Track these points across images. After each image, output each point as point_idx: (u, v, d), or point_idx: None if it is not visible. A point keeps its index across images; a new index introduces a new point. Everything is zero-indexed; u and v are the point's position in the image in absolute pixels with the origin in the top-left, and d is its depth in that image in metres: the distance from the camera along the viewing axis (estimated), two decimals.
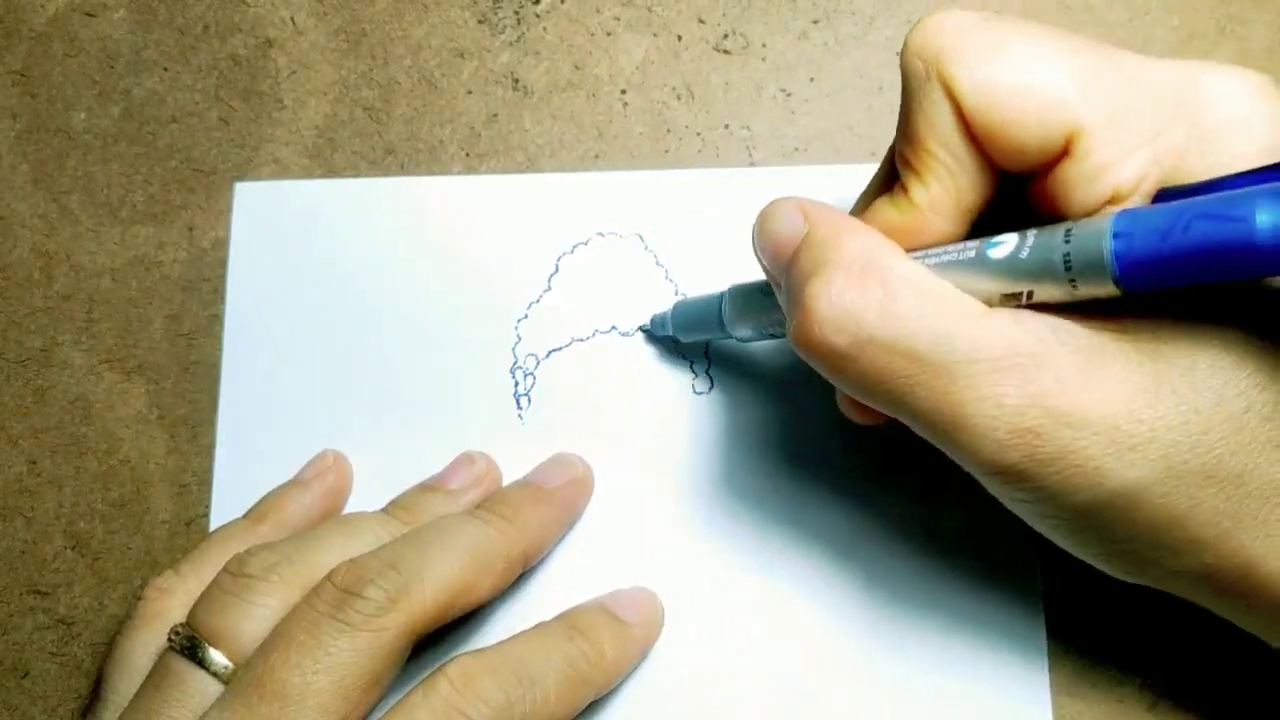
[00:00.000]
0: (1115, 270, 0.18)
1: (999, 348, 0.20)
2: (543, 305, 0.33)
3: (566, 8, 0.35)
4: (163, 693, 0.26)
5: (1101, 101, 0.20)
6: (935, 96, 0.21)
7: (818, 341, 0.22)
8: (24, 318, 0.35)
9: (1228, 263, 0.16)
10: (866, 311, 0.21)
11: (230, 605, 0.26)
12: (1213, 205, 0.17)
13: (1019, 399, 0.20)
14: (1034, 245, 0.20)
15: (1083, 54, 0.21)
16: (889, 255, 0.22)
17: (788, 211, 0.24)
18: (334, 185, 0.34)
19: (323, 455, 0.32)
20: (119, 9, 0.37)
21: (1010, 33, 0.21)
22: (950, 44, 0.21)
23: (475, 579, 0.27)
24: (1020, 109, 0.20)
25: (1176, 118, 0.20)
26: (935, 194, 0.22)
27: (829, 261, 0.22)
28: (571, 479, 0.31)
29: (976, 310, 0.21)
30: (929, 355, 0.20)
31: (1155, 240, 0.17)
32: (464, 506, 0.30)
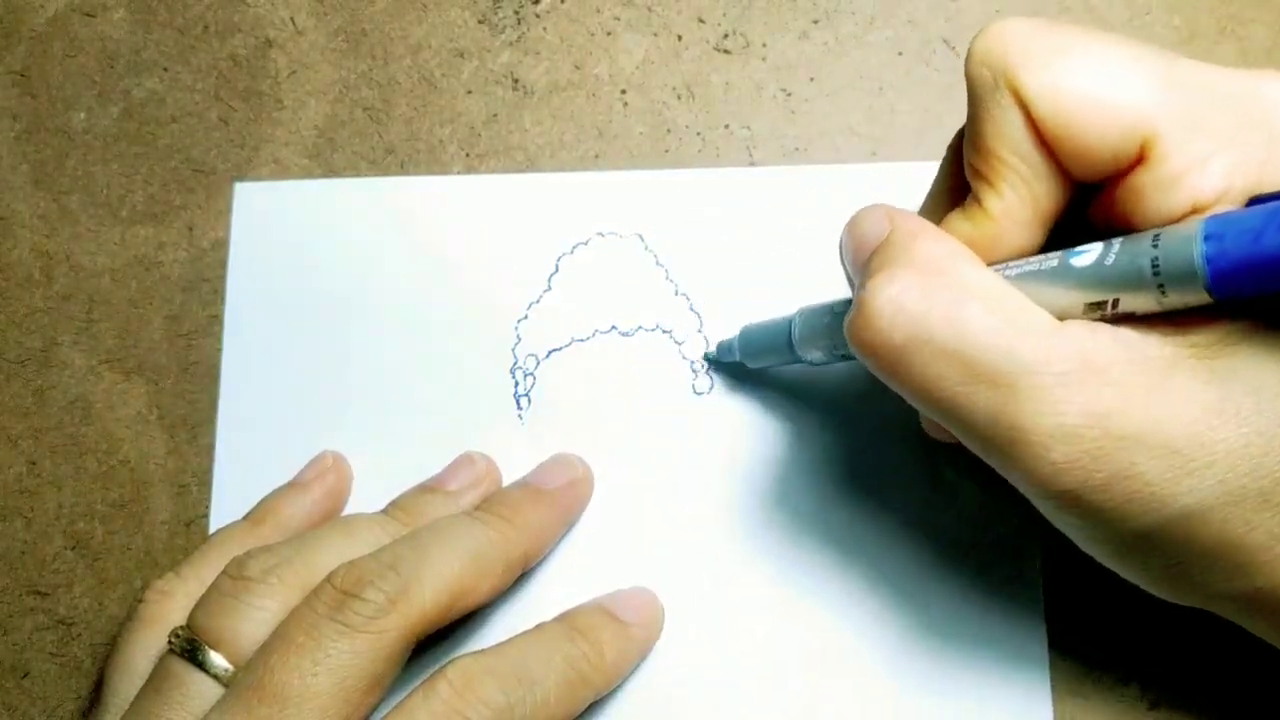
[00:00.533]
0: (1207, 275, 0.17)
1: (1065, 362, 0.19)
2: (543, 305, 0.33)
3: (566, 7, 0.35)
4: (162, 695, 0.26)
5: (1176, 105, 0.20)
6: (1005, 104, 0.21)
7: (873, 335, 0.21)
8: (24, 318, 0.35)
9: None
10: (931, 311, 0.20)
11: (230, 608, 0.26)
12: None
13: (1080, 418, 0.19)
14: (1120, 252, 0.19)
15: (1151, 59, 0.20)
16: (964, 262, 0.21)
17: (875, 215, 0.24)
18: (334, 185, 0.34)
19: (322, 456, 0.32)
20: (119, 9, 0.36)
21: (1077, 37, 0.20)
22: (1017, 50, 0.20)
23: (475, 581, 0.27)
24: (1093, 114, 0.20)
25: (1252, 124, 0.20)
26: (1010, 203, 0.21)
27: (900, 260, 0.21)
28: (571, 479, 0.31)
29: (1048, 325, 0.20)
30: (990, 364, 0.20)
31: (1248, 243, 0.17)
32: (463, 507, 0.30)
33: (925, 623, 0.30)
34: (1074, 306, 0.20)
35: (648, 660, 0.30)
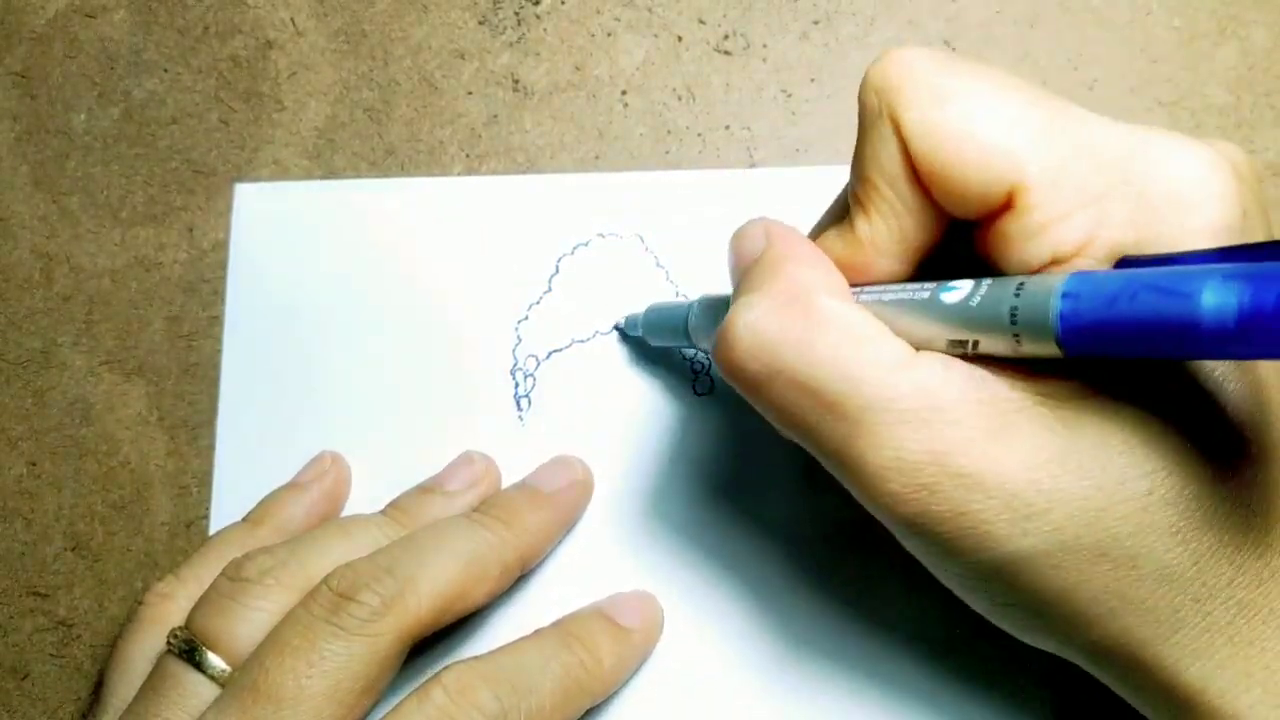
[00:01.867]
0: (1058, 331, 0.18)
1: (910, 398, 0.20)
2: (543, 306, 0.33)
3: (567, 9, 0.35)
4: (160, 695, 0.26)
5: (1046, 159, 0.20)
6: (885, 134, 0.21)
7: (732, 363, 0.22)
8: (24, 319, 0.35)
9: (1169, 339, 0.16)
10: (783, 342, 0.21)
11: (227, 609, 0.26)
12: (1163, 278, 0.16)
13: (918, 453, 0.19)
14: (985, 295, 0.19)
15: (1036, 108, 0.20)
16: (823, 290, 0.21)
17: (754, 231, 0.24)
18: (334, 186, 0.34)
19: (320, 457, 0.32)
20: (119, 10, 0.36)
21: (966, 78, 0.20)
22: (905, 83, 0.20)
23: (471, 584, 0.27)
24: (964, 157, 0.20)
25: (1124, 184, 0.20)
26: (879, 231, 0.22)
27: (764, 284, 0.22)
28: (571, 481, 0.31)
29: (899, 359, 0.20)
30: (837, 396, 0.20)
31: (1102, 305, 0.17)
32: (462, 507, 0.30)
33: (926, 622, 0.30)
34: (937, 340, 0.20)
35: (647, 664, 0.30)
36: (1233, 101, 0.33)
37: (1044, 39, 0.33)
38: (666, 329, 0.30)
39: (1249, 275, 0.15)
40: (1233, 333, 0.15)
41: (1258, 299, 0.15)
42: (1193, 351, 0.16)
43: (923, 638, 0.30)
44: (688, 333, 0.28)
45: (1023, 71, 0.33)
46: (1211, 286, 0.15)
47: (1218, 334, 0.15)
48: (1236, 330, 0.15)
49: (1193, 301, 0.15)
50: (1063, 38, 0.33)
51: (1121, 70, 0.33)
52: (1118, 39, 0.33)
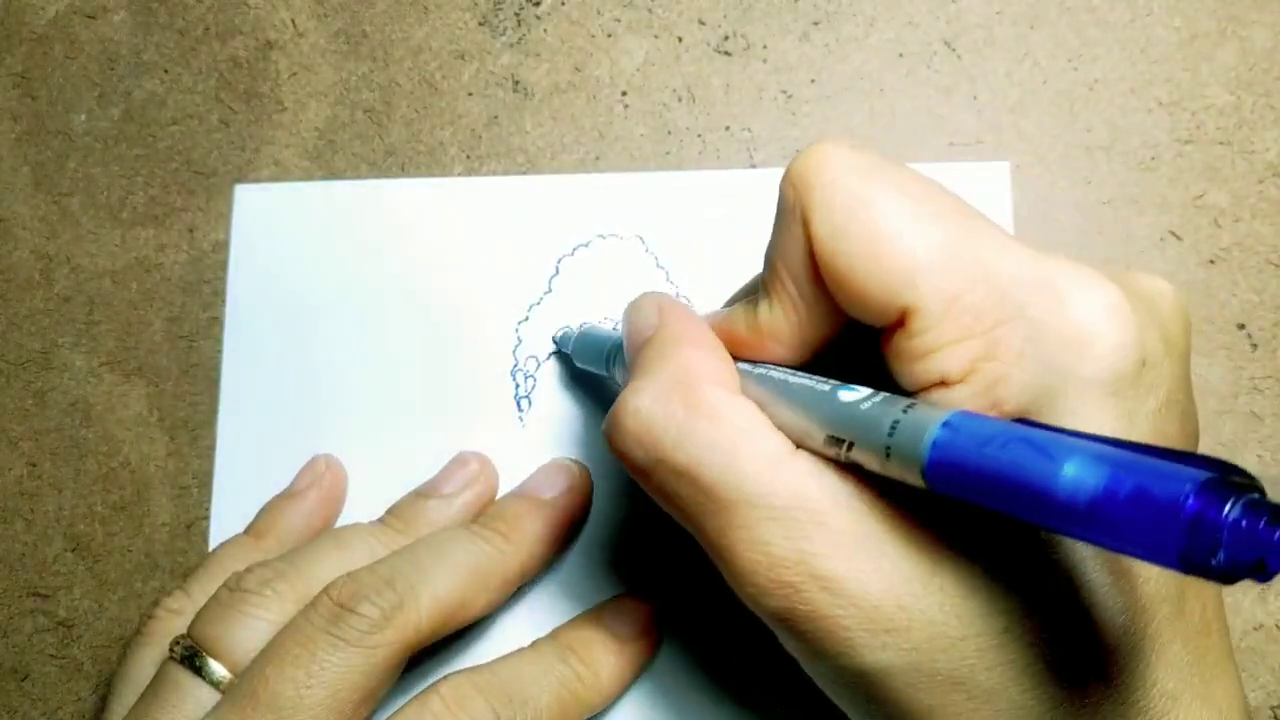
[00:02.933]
0: (926, 461, 0.17)
1: (783, 496, 0.20)
2: (543, 307, 0.33)
3: (567, 9, 0.35)
4: (160, 700, 0.26)
5: (941, 286, 0.19)
6: (794, 231, 0.21)
7: (618, 446, 0.22)
8: (24, 320, 0.35)
9: (1024, 499, 0.16)
10: (665, 433, 0.21)
11: (228, 618, 0.27)
12: (1038, 437, 0.16)
13: (788, 551, 0.20)
14: (875, 404, 0.19)
15: (945, 228, 0.20)
16: (708, 380, 0.22)
17: (648, 307, 0.24)
18: (334, 187, 0.34)
19: (314, 462, 0.32)
20: (119, 11, 0.37)
21: (880, 189, 0.20)
22: (820, 185, 0.20)
23: (471, 596, 0.27)
24: (863, 270, 0.20)
25: (1020, 317, 0.19)
26: (777, 318, 0.22)
27: (653, 369, 0.22)
28: (569, 487, 0.31)
29: (777, 455, 0.20)
30: (712, 487, 0.20)
31: (974, 446, 0.17)
32: (459, 509, 0.30)
33: None
34: (816, 434, 0.20)
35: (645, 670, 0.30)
36: (1233, 102, 0.33)
37: (1044, 39, 0.33)
38: (591, 354, 0.30)
39: (1118, 461, 0.15)
40: (1081, 511, 0.15)
41: (1113, 485, 0.14)
42: (1044, 519, 0.15)
43: None
44: (607, 363, 0.29)
45: (1023, 71, 0.33)
46: (1078, 459, 0.15)
47: (1068, 508, 0.15)
48: (1085, 509, 0.15)
49: (1055, 467, 0.15)
50: (1063, 38, 0.33)
51: (1122, 71, 0.33)
52: (1118, 39, 0.33)
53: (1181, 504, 0.14)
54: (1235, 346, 0.31)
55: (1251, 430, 0.31)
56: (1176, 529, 0.14)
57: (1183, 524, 0.14)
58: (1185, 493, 0.14)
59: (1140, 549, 0.14)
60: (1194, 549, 0.14)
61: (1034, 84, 0.33)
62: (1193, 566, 0.14)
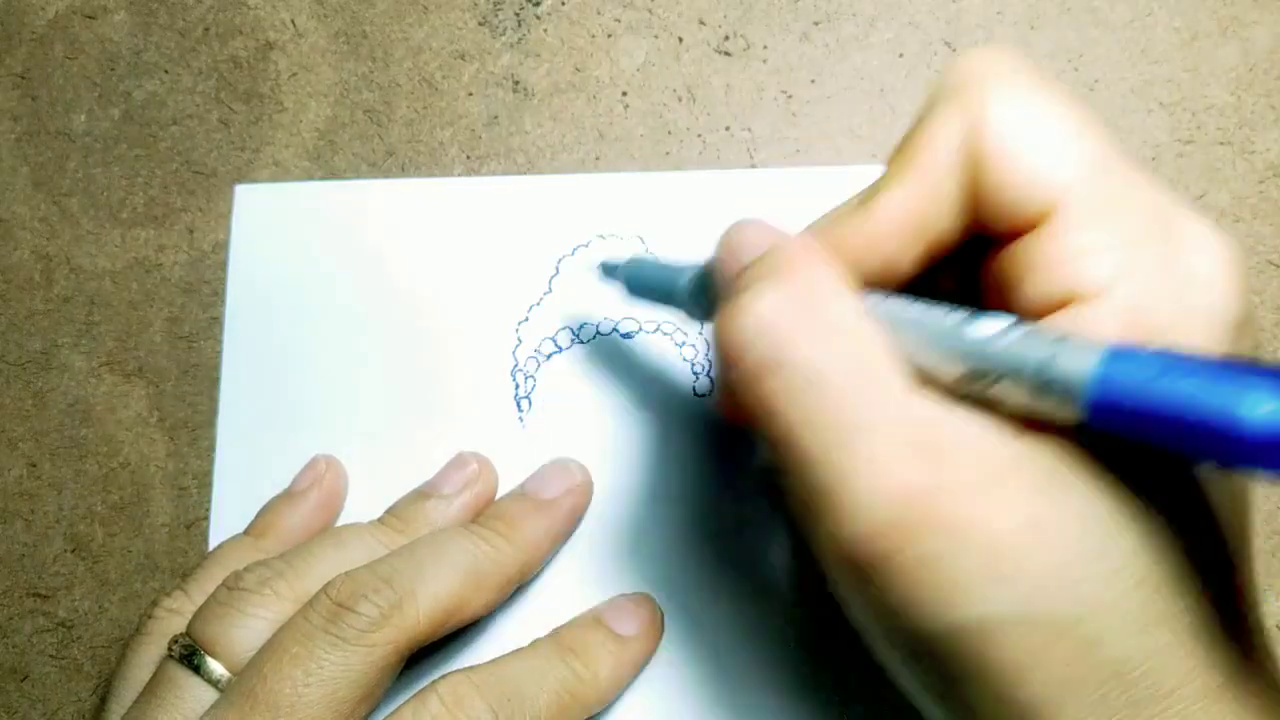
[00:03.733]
0: (1090, 397, 0.17)
1: (907, 427, 0.19)
2: (543, 307, 0.33)
3: (567, 10, 0.35)
4: (159, 698, 0.26)
5: (1097, 189, 0.19)
6: (956, 114, 0.20)
7: (740, 341, 0.20)
8: (24, 320, 0.35)
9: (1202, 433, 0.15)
10: (796, 333, 0.20)
11: (226, 616, 0.27)
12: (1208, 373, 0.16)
13: (906, 484, 0.18)
14: (1022, 337, 0.19)
15: (1098, 139, 0.20)
16: (840, 294, 0.21)
17: (760, 228, 0.24)
18: (334, 187, 0.34)
19: (314, 462, 0.32)
20: (119, 11, 0.36)
21: (1049, 88, 0.21)
22: (998, 72, 0.20)
23: (470, 595, 0.27)
24: (1022, 158, 0.20)
25: (1157, 242, 0.19)
26: (902, 205, 0.21)
27: (780, 275, 0.21)
28: (570, 487, 0.31)
29: (905, 386, 0.19)
30: (836, 403, 0.19)
31: (1140, 384, 0.16)
32: (458, 509, 0.30)
33: None
34: (949, 369, 0.19)
35: (645, 668, 0.30)
36: (1233, 102, 0.33)
37: (1045, 40, 0.33)
38: (656, 283, 0.28)
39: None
40: (1273, 443, 0.14)
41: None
42: (1227, 456, 0.15)
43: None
44: (674, 295, 0.27)
45: None
46: (1266, 389, 0.15)
47: (1257, 442, 0.14)
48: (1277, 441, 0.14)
49: (1238, 406, 0.15)
50: (1063, 38, 0.33)
51: (1122, 71, 0.33)
52: (1118, 40, 0.33)
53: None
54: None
55: None
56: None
57: None
58: None
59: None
60: None
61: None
62: None
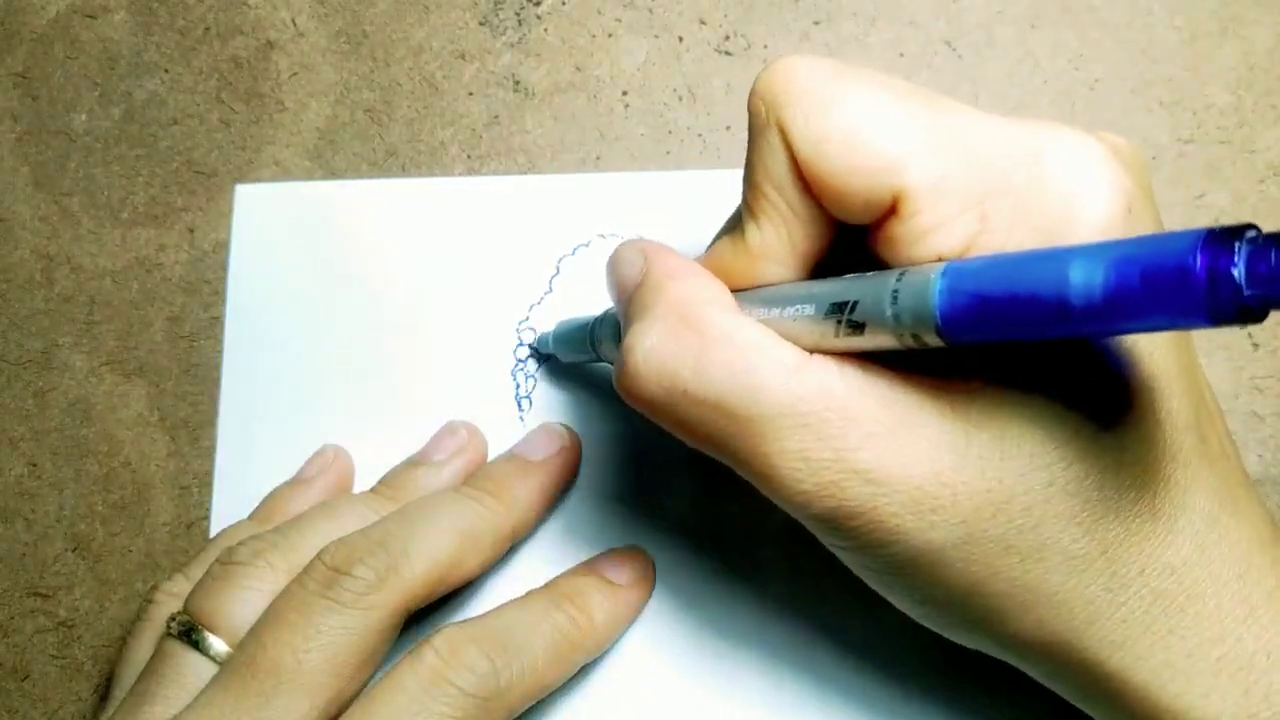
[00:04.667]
0: (937, 316, 0.18)
1: (807, 402, 0.20)
2: (544, 307, 0.33)
3: (567, 9, 0.35)
4: (159, 675, 0.26)
5: (929, 165, 0.20)
6: (772, 142, 0.21)
7: (635, 390, 0.22)
8: (24, 320, 0.35)
9: (1040, 316, 0.16)
10: (681, 365, 0.21)
11: (221, 590, 0.27)
12: (1033, 256, 0.17)
13: (823, 453, 0.20)
14: (870, 279, 0.20)
15: (920, 112, 0.20)
16: (710, 305, 0.22)
17: (631, 254, 0.24)
18: (335, 187, 0.34)
19: (323, 451, 0.32)
20: (120, 11, 0.36)
21: (852, 85, 0.21)
22: (792, 92, 0.21)
23: (464, 555, 0.27)
24: (849, 164, 0.20)
25: (1007, 185, 0.20)
26: (769, 238, 0.22)
27: (651, 309, 0.22)
28: (559, 448, 0.31)
29: (792, 363, 0.21)
30: (739, 409, 0.21)
31: (977, 288, 0.17)
32: (449, 476, 0.30)
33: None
34: (824, 333, 0.21)
35: (636, 655, 0.30)
36: (1234, 102, 0.33)
37: (1045, 39, 0.33)
38: (573, 343, 0.30)
39: (1119, 249, 0.15)
40: (1099, 305, 0.15)
41: (1123, 269, 0.15)
42: (1066, 329, 0.16)
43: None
44: (593, 346, 0.29)
45: (1023, 72, 0.33)
46: (1081, 260, 0.16)
47: (1086, 307, 0.15)
48: (1103, 302, 0.15)
49: (1063, 272, 0.16)
50: (1063, 38, 0.33)
51: (1122, 71, 0.33)
52: (1119, 39, 0.33)
53: (1192, 261, 0.14)
54: (1235, 346, 0.31)
55: (1252, 430, 0.31)
56: (1197, 285, 0.14)
57: (1200, 278, 0.14)
58: (1193, 249, 0.14)
59: (1169, 318, 0.15)
60: (1219, 298, 0.14)
61: (1035, 84, 0.33)
62: (1223, 315, 0.14)
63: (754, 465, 0.21)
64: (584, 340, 0.29)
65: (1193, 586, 0.20)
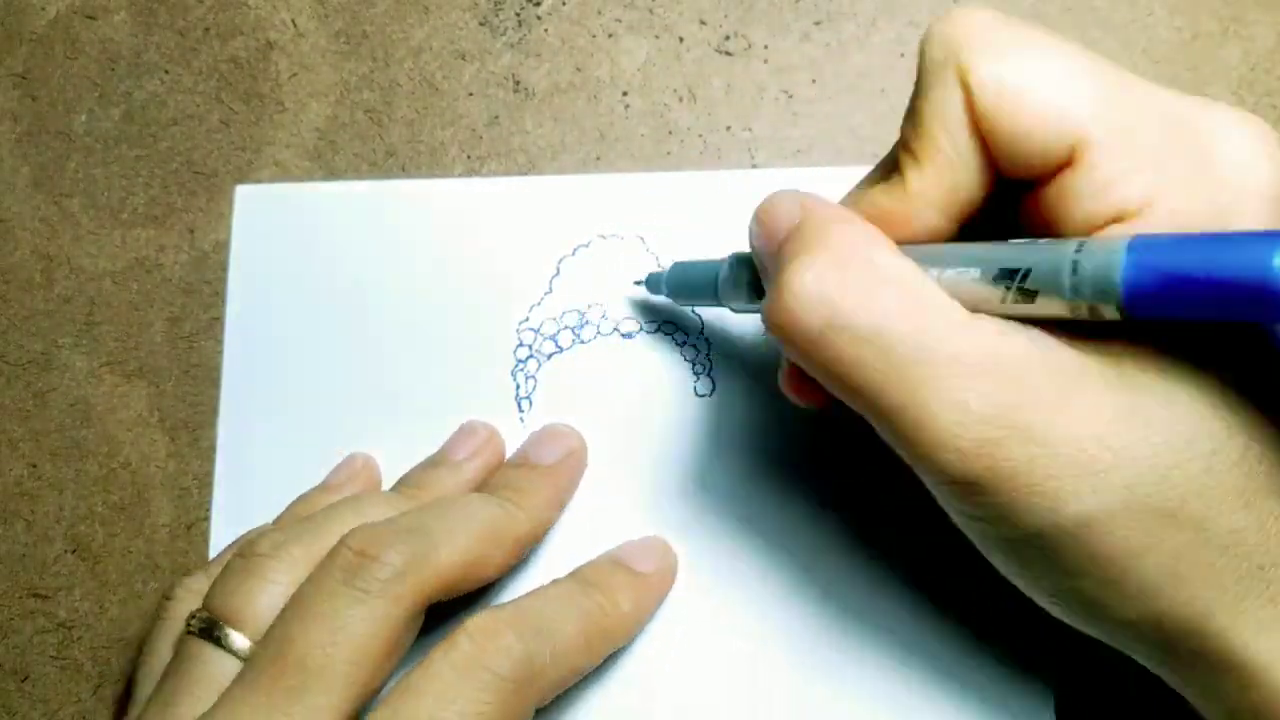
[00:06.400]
0: (1122, 291, 0.17)
1: (975, 354, 0.20)
2: (544, 308, 0.33)
3: (568, 10, 0.35)
4: (183, 674, 0.26)
5: (1111, 117, 0.20)
6: (949, 84, 0.21)
7: (791, 320, 0.21)
8: (24, 321, 0.35)
9: (1236, 301, 0.16)
10: (846, 297, 0.21)
11: (242, 585, 0.26)
12: (1230, 241, 0.16)
13: (987, 407, 0.19)
14: (1045, 248, 0.20)
15: (1099, 68, 0.21)
16: (877, 248, 0.21)
17: (787, 200, 0.24)
18: (335, 188, 0.34)
19: (352, 459, 0.32)
20: (120, 11, 0.36)
21: (1032, 35, 0.21)
22: (973, 35, 0.21)
23: (488, 552, 0.27)
24: (1031, 109, 0.20)
25: (1184, 147, 0.20)
26: (929, 182, 0.22)
27: (815, 245, 0.22)
28: (568, 451, 0.31)
29: (960, 316, 0.20)
30: (902, 351, 0.20)
31: (1168, 263, 0.17)
32: (469, 475, 0.30)
33: (925, 625, 0.30)
34: (990, 300, 0.20)
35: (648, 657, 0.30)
36: (1235, 102, 0.33)
37: None
38: (695, 287, 0.30)
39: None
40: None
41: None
42: (1260, 314, 0.16)
43: (924, 637, 0.30)
44: (716, 290, 0.28)
45: None
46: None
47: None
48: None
49: (1266, 257, 0.15)
50: (1064, 39, 0.33)
51: None
52: (1120, 40, 0.33)
53: None
54: None
55: None
56: None
57: None
58: None
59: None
60: None
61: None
62: None
63: (907, 414, 0.20)
64: (709, 283, 0.28)
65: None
